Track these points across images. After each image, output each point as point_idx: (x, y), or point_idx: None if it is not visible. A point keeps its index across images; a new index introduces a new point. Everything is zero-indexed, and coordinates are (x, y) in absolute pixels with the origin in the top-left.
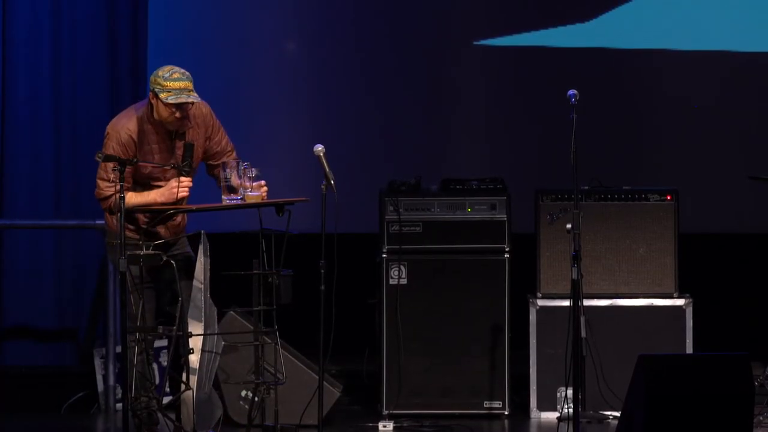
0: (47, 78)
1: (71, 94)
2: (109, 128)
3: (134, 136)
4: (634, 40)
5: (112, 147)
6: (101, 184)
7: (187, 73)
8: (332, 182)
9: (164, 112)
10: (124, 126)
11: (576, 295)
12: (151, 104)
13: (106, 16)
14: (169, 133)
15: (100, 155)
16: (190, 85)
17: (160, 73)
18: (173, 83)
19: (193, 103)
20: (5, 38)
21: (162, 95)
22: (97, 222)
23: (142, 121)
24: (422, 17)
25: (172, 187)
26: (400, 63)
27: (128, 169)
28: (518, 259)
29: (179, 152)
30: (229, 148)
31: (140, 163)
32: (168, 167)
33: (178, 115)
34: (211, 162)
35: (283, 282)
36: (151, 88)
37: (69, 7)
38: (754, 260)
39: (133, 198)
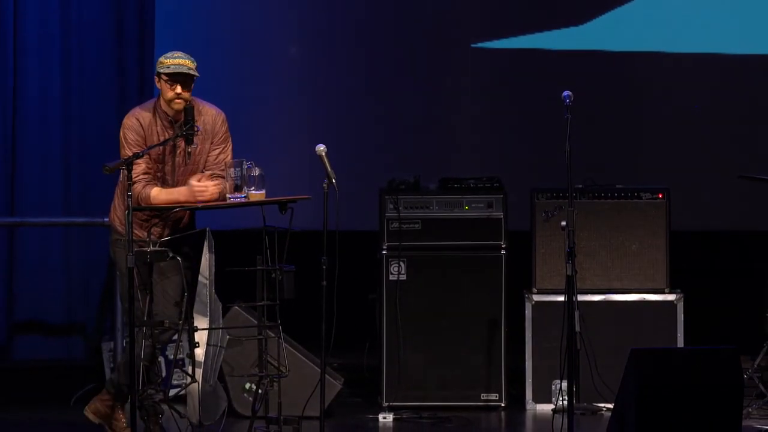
0: (57, 80)
1: (80, 95)
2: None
3: (142, 122)
4: (627, 43)
5: (125, 139)
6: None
7: (191, 58)
8: (333, 181)
9: (166, 90)
10: (131, 115)
11: (570, 290)
12: (160, 92)
13: (114, 21)
14: (174, 127)
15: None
16: (191, 64)
17: (163, 55)
18: (173, 60)
19: (192, 77)
20: (17, 43)
21: (161, 71)
22: (105, 219)
23: (149, 111)
24: (421, 20)
25: (194, 188)
26: (399, 65)
27: (151, 166)
28: (514, 255)
29: (180, 150)
30: (221, 168)
31: (144, 150)
32: (171, 142)
33: (178, 90)
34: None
35: (286, 278)
36: (156, 71)
37: (77, 12)
38: (742, 257)
39: (160, 194)
